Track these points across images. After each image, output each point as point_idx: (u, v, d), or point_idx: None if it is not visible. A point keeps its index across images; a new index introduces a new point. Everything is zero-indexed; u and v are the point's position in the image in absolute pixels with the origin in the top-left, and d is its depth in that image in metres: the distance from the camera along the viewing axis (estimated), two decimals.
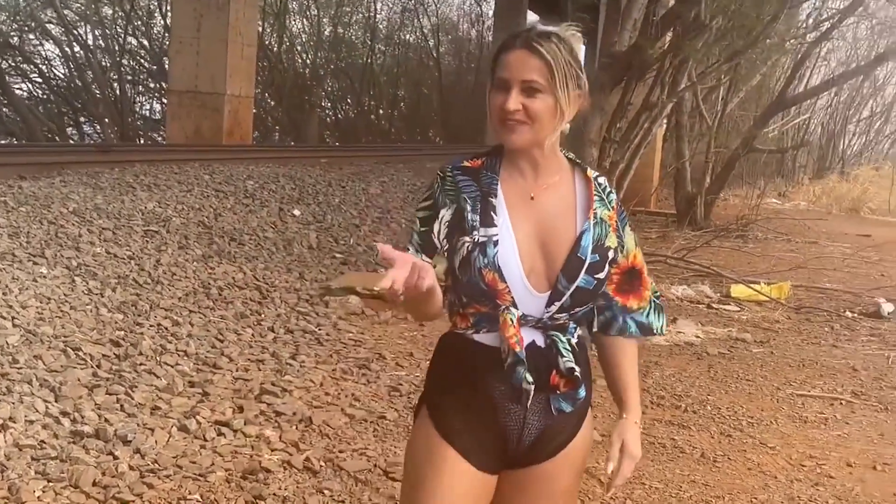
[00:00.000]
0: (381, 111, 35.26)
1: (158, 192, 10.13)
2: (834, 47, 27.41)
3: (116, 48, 28.43)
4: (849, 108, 32.41)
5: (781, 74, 21.34)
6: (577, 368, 2.20)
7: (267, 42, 29.94)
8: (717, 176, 17.85)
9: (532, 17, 30.22)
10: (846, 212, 24.55)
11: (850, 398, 6.67)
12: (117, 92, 27.57)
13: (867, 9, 20.45)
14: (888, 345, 8.46)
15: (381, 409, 5.47)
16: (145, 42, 29.55)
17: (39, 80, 28.60)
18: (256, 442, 4.74)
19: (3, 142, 23.93)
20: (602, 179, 2.33)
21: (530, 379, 2.16)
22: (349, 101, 34.76)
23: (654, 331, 2.42)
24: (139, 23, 29.05)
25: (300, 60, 33.10)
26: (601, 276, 2.23)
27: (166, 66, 22.91)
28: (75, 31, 27.95)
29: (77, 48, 27.81)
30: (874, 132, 35.51)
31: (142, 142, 26.65)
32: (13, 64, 27.82)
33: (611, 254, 2.25)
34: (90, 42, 28.12)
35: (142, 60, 29.88)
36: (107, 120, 26.45)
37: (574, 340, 2.23)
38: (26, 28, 27.81)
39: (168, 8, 25.56)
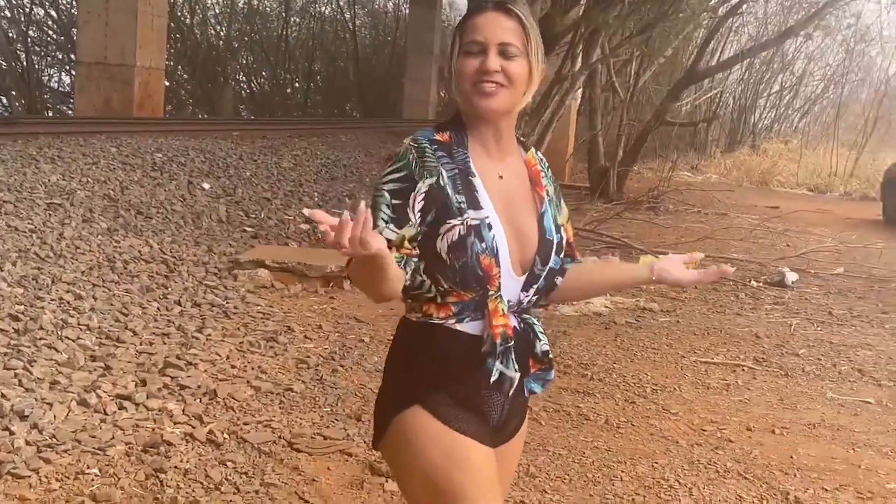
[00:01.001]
0: (296, 84, 34.87)
1: (63, 165, 9.89)
2: (745, 22, 27.91)
3: (23, 19, 27.61)
4: (759, 82, 32.95)
5: (694, 48, 21.61)
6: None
7: (179, 13, 29.36)
8: (629, 149, 18.04)
9: None
10: (756, 184, 25.05)
11: (752, 365, 6.83)
12: (24, 63, 26.79)
13: None
14: (791, 312, 8.67)
15: (287, 382, 5.44)
16: (52, 12, 28.72)
17: None
18: (159, 415, 4.68)
19: None
20: (540, 154, 2.34)
21: (517, 367, 2.14)
22: (264, 74, 34.29)
23: None
24: None
25: (214, 32, 32.54)
26: (562, 255, 2.26)
27: (74, 37, 22.34)
28: None
29: None
30: (784, 106, 36.17)
31: (50, 114, 25.95)
32: None
33: (563, 232, 2.28)
34: None
35: (49, 31, 29.07)
36: (13, 92, 25.68)
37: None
38: None
39: None
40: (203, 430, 4.56)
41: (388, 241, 2.01)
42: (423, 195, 2.08)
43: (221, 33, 32.62)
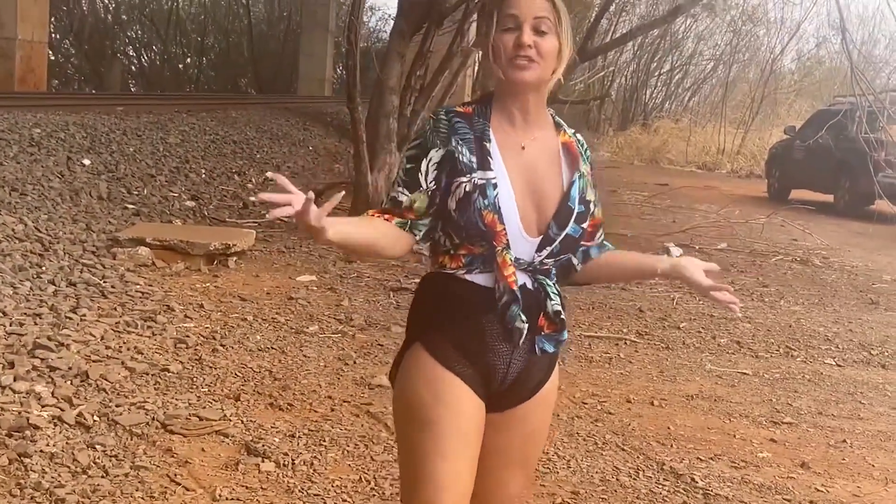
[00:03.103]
0: (188, 60, 34.16)
1: None
2: (637, 2, 28.31)
3: None
4: (650, 62, 33.45)
5: (586, 27, 21.79)
6: (563, 311, 2.33)
7: None
8: None
9: None
10: (647, 162, 25.51)
11: (635, 338, 6.94)
12: None
13: None
14: (674, 287, 8.80)
15: (164, 362, 5.32)
16: None
17: None
18: (26, 398, 4.52)
19: None
20: (580, 136, 2.47)
21: (524, 318, 2.25)
22: (155, 48, 33.48)
23: None
24: None
25: (102, 4, 31.64)
26: (585, 225, 2.39)
27: None
28: None
29: None
30: (674, 85, 36.73)
31: None
32: None
33: (591, 206, 2.39)
34: None
35: None
36: None
37: (558, 286, 2.34)
38: None
39: None
40: (72, 413, 4.42)
41: (400, 202, 2.28)
42: (435, 164, 2.28)
43: (110, 6, 31.74)
